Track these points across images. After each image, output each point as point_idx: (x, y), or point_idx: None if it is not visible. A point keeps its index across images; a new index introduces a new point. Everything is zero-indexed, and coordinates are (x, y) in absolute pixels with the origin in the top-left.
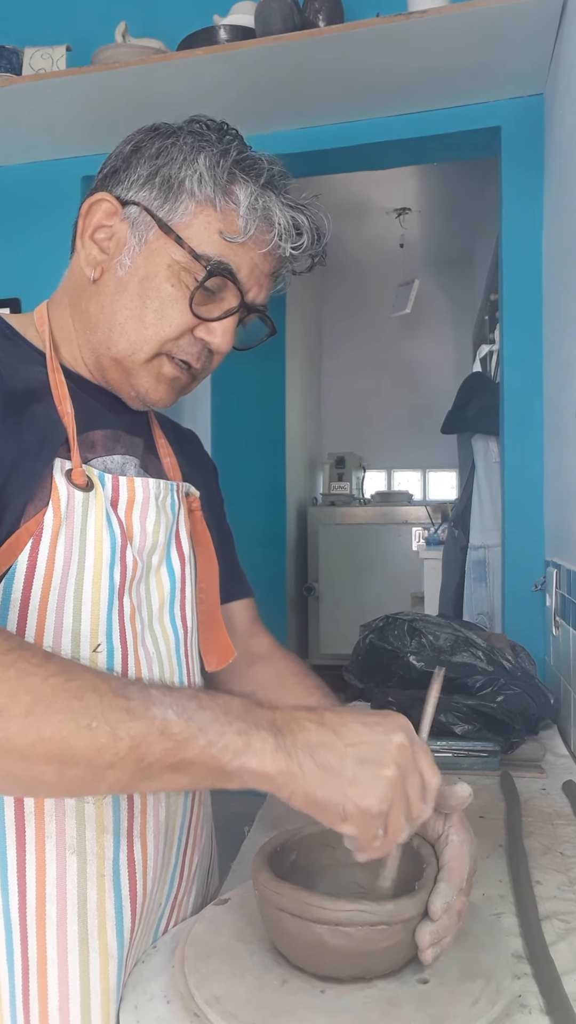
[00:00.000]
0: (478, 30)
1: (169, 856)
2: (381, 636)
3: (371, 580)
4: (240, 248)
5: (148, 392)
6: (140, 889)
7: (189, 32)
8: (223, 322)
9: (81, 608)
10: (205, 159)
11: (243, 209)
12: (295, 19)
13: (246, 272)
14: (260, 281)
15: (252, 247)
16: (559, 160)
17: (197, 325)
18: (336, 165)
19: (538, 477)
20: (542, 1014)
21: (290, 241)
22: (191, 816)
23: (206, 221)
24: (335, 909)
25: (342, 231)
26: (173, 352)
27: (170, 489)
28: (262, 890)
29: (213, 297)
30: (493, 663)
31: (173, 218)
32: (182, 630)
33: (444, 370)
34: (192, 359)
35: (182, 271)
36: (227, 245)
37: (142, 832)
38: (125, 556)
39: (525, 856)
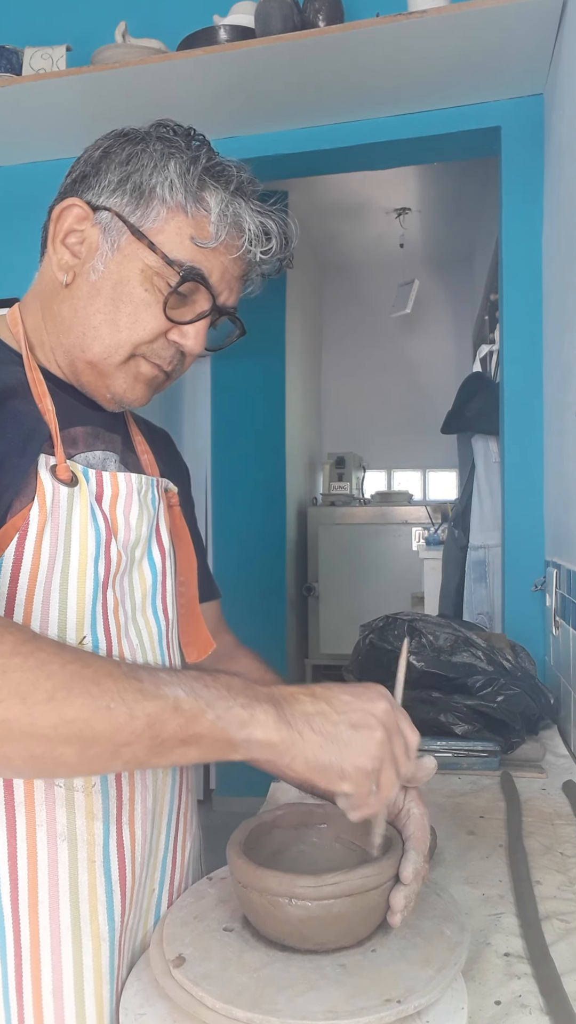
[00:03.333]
0: (478, 30)
1: (158, 842)
2: (381, 636)
3: (371, 580)
4: (211, 253)
5: (124, 393)
6: (129, 874)
7: (189, 32)
8: (195, 325)
9: (67, 601)
10: (176, 166)
11: (214, 215)
12: (295, 19)
13: (217, 276)
14: (231, 284)
15: (223, 252)
16: (559, 160)
17: (170, 328)
18: (336, 165)
19: (538, 477)
20: (542, 1014)
21: (260, 246)
22: (179, 803)
23: (177, 227)
24: (301, 885)
25: (342, 231)
26: (147, 355)
27: (151, 484)
28: (233, 869)
29: (185, 301)
30: (493, 663)
31: (145, 224)
32: (164, 622)
33: (444, 370)
34: (164, 362)
35: (155, 276)
36: (199, 250)
37: (130, 819)
38: (109, 550)
39: (525, 856)
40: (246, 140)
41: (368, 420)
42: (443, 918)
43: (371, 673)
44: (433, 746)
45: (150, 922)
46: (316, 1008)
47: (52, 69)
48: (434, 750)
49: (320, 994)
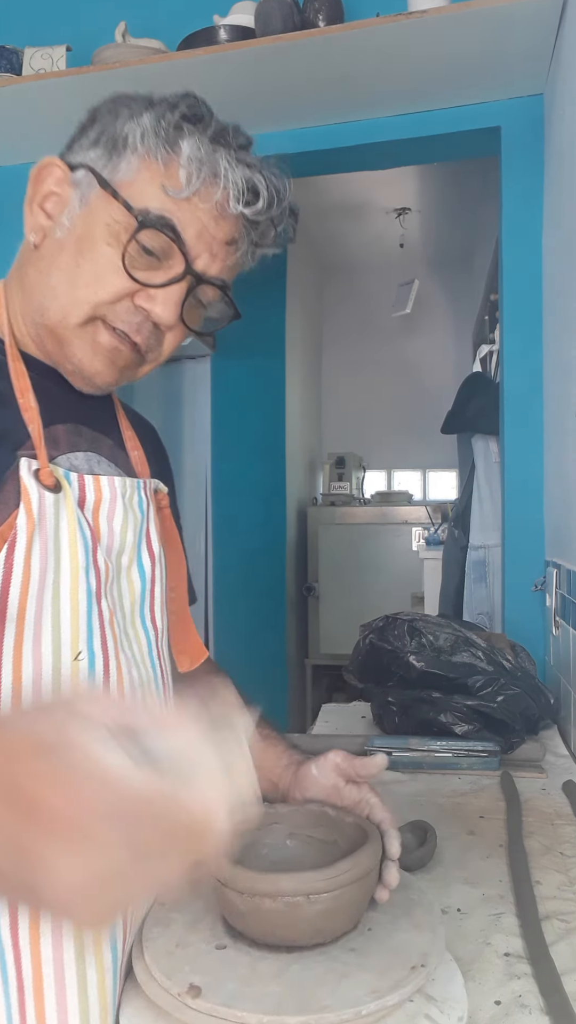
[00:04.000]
0: (478, 30)
1: None
2: (381, 636)
3: (371, 580)
4: (186, 205)
5: (83, 364)
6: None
7: (189, 32)
8: (166, 290)
9: (60, 615)
10: (151, 114)
11: (184, 158)
12: (295, 19)
13: (193, 234)
14: (212, 248)
15: (199, 204)
16: (559, 160)
17: (137, 291)
18: (336, 165)
19: (538, 477)
20: (542, 1014)
21: (243, 201)
22: None
23: (149, 176)
24: (317, 879)
25: (342, 231)
26: (108, 318)
27: (137, 487)
28: (238, 883)
29: (158, 263)
30: (493, 663)
31: (116, 176)
32: (153, 632)
33: (444, 370)
34: (131, 329)
35: (122, 231)
36: (171, 201)
37: None
38: (97, 559)
39: (525, 856)
40: None
41: (368, 420)
42: (404, 887)
43: (371, 673)
44: (433, 746)
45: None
46: (359, 993)
47: (52, 69)
48: (434, 750)
49: (354, 980)
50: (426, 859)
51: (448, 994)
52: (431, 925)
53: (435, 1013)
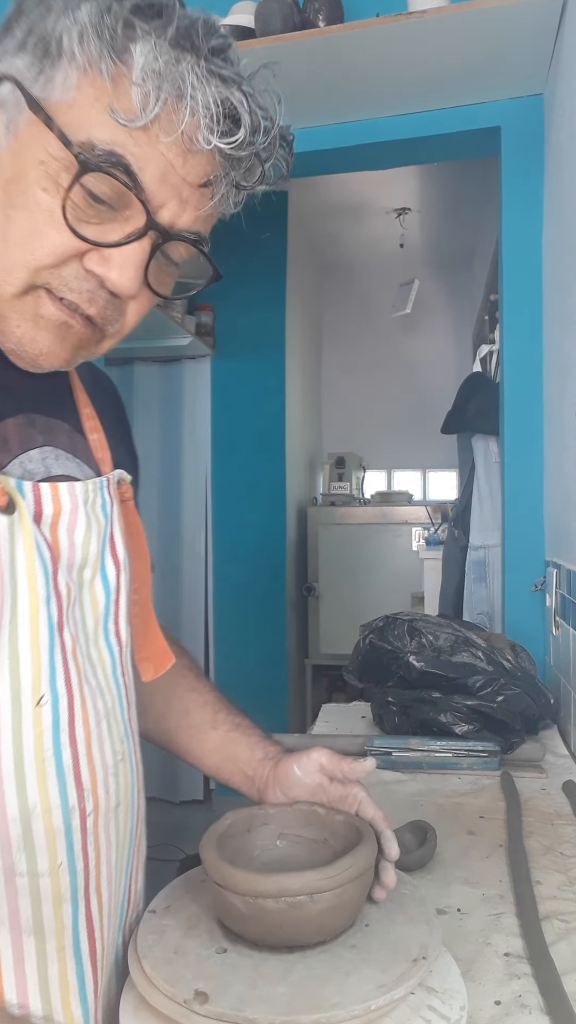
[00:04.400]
0: (478, 30)
1: (119, 889)
2: (381, 636)
3: (371, 580)
4: (143, 137)
5: (24, 341)
6: (99, 944)
7: None
8: (123, 251)
9: (19, 658)
10: (92, 6)
11: (137, 72)
12: (295, 19)
13: (154, 175)
14: (181, 193)
15: (160, 136)
16: (559, 160)
17: (87, 251)
18: (336, 165)
19: (538, 477)
20: (542, 1014)
21: (219, 131)
22: (137, 840)
23: (93, 95)
24: (319, 878)
25: (342, 231)
26: (52, 285)
27: (100, 488)
28: (242, 884)
29: (111, 214)
30: (493, 663)
31: (50, 94)
32: (117, 647)
33: (444, 370)
34: (82, 300)
35: (61, 171)
36: (122, 131)
37: (97, 887)
38: (58, 583)
39: (525, 856)
40: None
41: (368, 420)
42: (396, 881)
43: (371, 673)
44: (433, 746)
45: (113, 976)
46: (366, 988)
47: None
48: (434, 750)
49: (360, 976)
50: (426, 859)
51: (448, 985)
52: (425, 918)
53: (437, 1004)
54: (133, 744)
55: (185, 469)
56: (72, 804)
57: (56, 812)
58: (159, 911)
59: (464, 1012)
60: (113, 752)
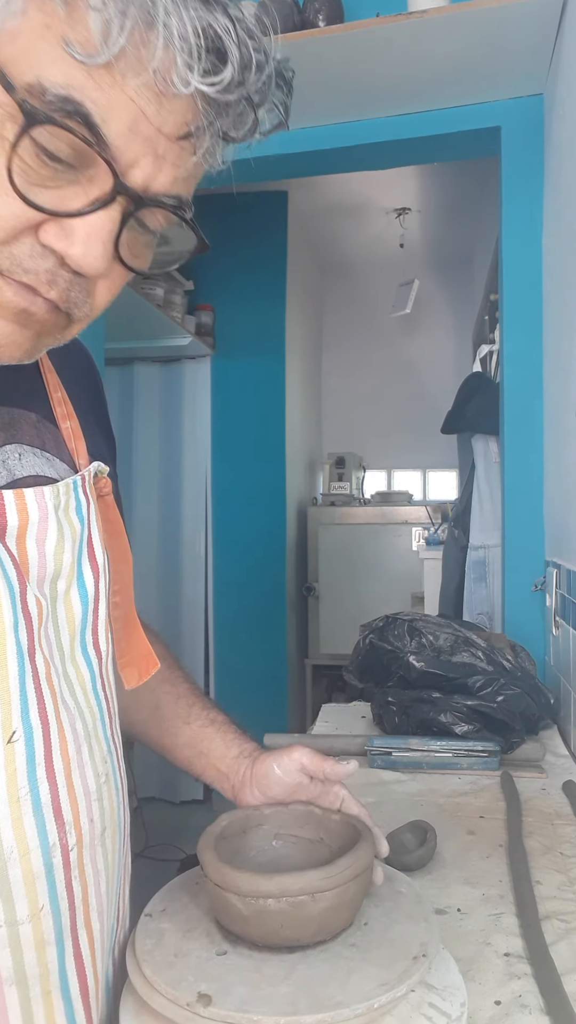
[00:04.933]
0: (478, 30)
1: (111, 915)
2: (381, 636)
3: (371, 580)
4: (105, 77)
5: None
6: (92, 982)
7: None
8: (87, 220)
9: None
10: None
11: None
12: (295, 19)
13: (121, 126)
14: (156, 148)
15: (127, 77)
16: (559, 160)
17: (42, 222)
18: (336, 165)
19: (538, 477)
20: (542, 1014)
21: (200, 68)
22: (125, 859)
23: (43, 22)
24: (320, 878)
25: (342, 231)
26: (5, 268)
27: (74, 488)
28: (242, 885)
29: (73, 175)
30: (493, 663)
31: None
32: (96, 660)
33: (444, 370)
34: (40, 281)
35: (5, 121)
36: (80, 71)
37: (86, 919)
38: (27, 602)
39: (525, 856)
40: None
41: (368, 420)
42: (390, 880)
43: (371, 673)
44: (433, 746)
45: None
46: (368, 987)
47: None
48: (434, 750)
49: (362, 975)
50: (426, 859)
51: (447, 982)
52: (423, 915)
53: (438, 1000)
54: (117, 760)
55: (185, 469)
56: (52, 842)
57: (35, 854)
58: (155, 914)
59: (464, 1009)
60: (96, 775)
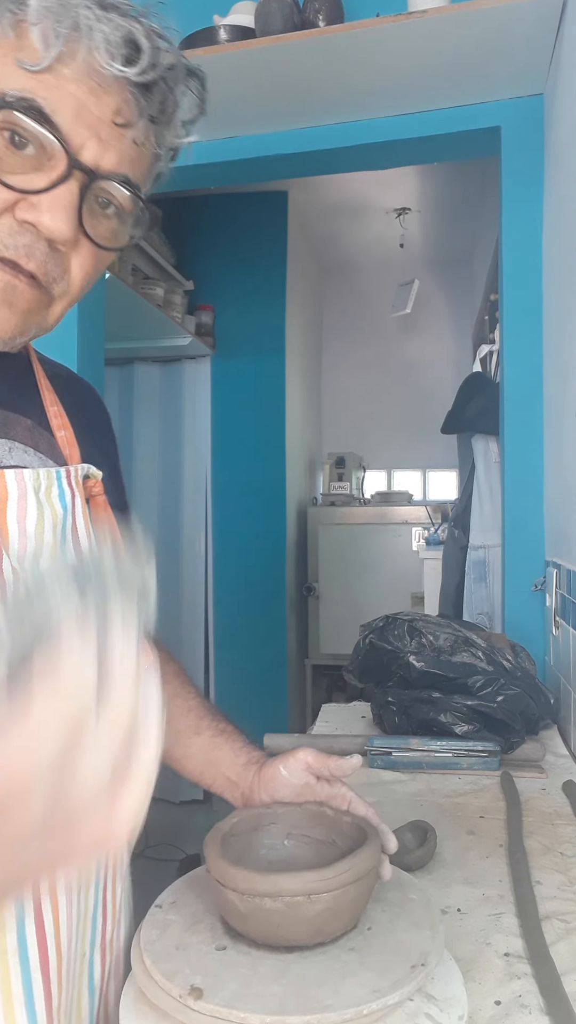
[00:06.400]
0: (478, 30)
1: (86, 899)
2: (381, 636)
3: (371, 580)
4: (51, 80)
5: None
6: (53, 952)
7: (189, 32)
8: (52, 195)
9: None
10: None
11: (33, 14)
12: (295, 19)
13: (69, 115)
14: (99, 132)
15: (67, 75)
16: (559, 160)
17: (16, 202)
18: (336, 165)
19: (538, 477)
20: (542, 1014)
21: (121, 58)
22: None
23: (0, 54)
24: (317, 880)
25: (342, 231)
26: None
27: (57, 478)
28: (239, 883)
29: (36, 162)
30: (493, 663)
31: None
32: None
33: (444, 370)
34: (20, 255)
35: None
36: (31, 78)
37: (51, 888)
38: (1, 570)
39: (525, 856)
40: (246, 140)
41: (368, 420)
42: (401, 886)
43: (371, 673)
44: (433, 746)
45: (84, 987)
46: (361, 992)
47: None
48: (434, 750)
49: (356, 980)
50: (426, 859)
51: (448, 993)
52: (430, 923)
53: (435, 1012)
54: None
55: (185, 469)
56: None
57: None
58: (165, 906)
59: (463, 1022)
60: None
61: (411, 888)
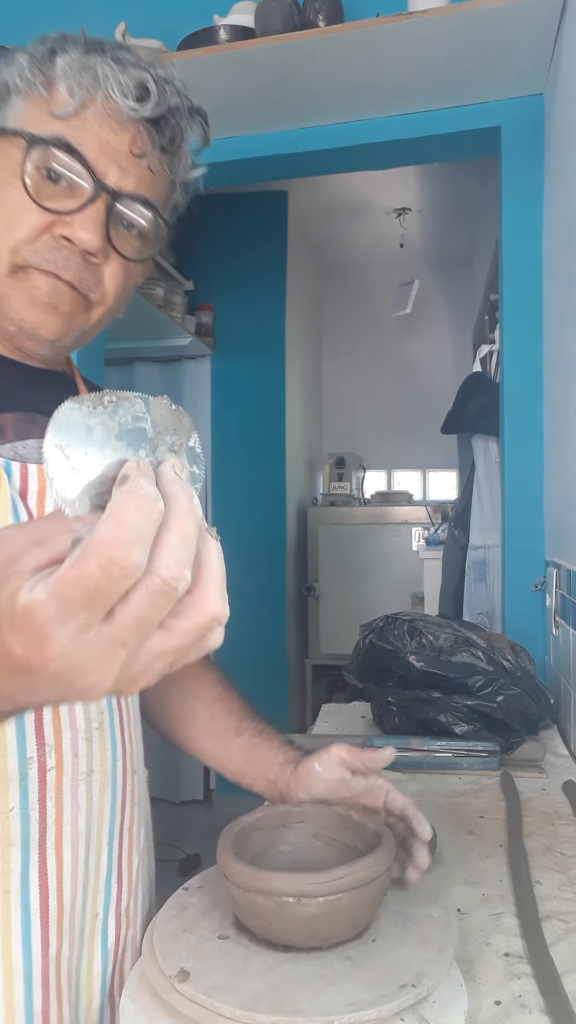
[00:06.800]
0: (478, 30)
1: (98, 864)
2: (381, 636)
3: (371, 580)
4: (77, 123)
5: (22, 316)
6: (55, 902)
7: (189, 32)
8: (83, 214)
9: None
10: (25, 54)
11: (59, 73)
12: (295, 19)
13: (93, 148)
14: (119, 161)
15: (90, 117)
16: (559, 160)
17: (53, 223)
18: (336, 165)
19: (538, 477)
20: (542, 1014)
21: (133, 97)
22: (121, 820)
23: (36, 111)
24: (310, 882)
25: (342, 231)
26: (32, 262)
27: None
28: (234, 875)
29: (69, 191)
30: (493, 663)
31: (4, 123)
32: None
33: (444, 370)
34: (59, 267)
35: (17, 158)
36: (62, 123)
37: (57, 843)
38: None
39: (525, 856)
40: (246, 140)
41: (368, 420)
42: (429, 901)
43: (371, 673)
44: (433, 746)
45: (96, 948)
46: (338, 1002)
47: None
48: (434, 750)
49: (338, 988)
50: None
51: (446, 1019)
52: (439, 945)
53: None
54: (120, 721)
55: None
56: (31, 755)
57: (12, 758)
58: (191, 890)
59: None
60: (87, 719)
61: (437, 905)
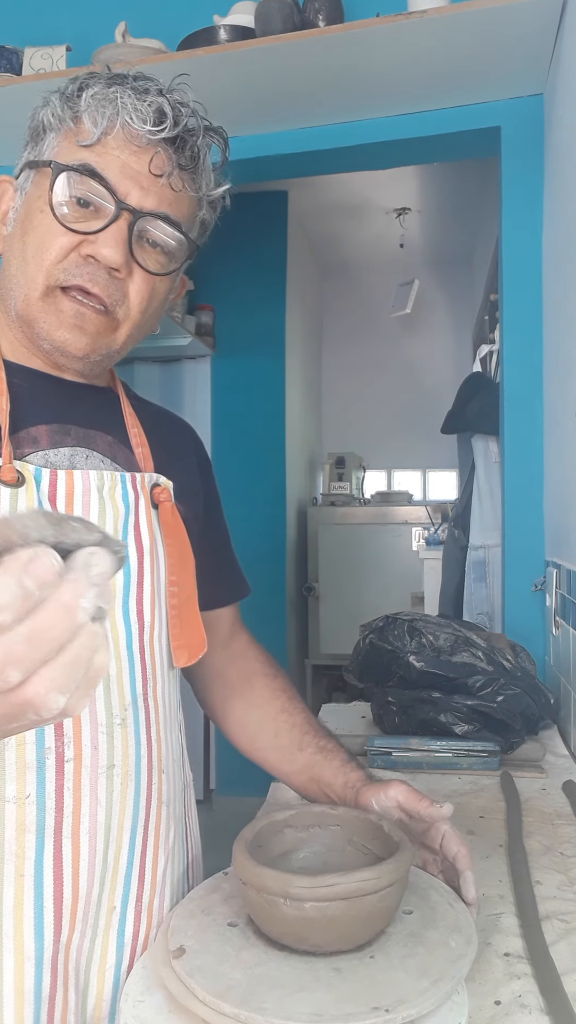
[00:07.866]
0: (478, 30)
1: (118, 858)
2: (381, 636)
3: (371, 580)
4: (100, 149)
5: (52, 335)
6: (69, 891)
7: (189, 32)
8: (107, 232)
9: None
10: (58, 94)
11: (83, 103)
12: (295, 19)
13: (115, 171)
14: (141, 182)
15: (112, 143)
16: (559, 160)
17: (80, 243)
18: (336, 165)
19: (538, 477)
20: (542, 1014)
21: (151, 121)
22: (146, 817)
23: (66, 143)
24: (297, 885)
25: (342, 231)
26: (62, 279)
27: (120, 480)
28: (235, 865)
29: (94, 213)
30: (493, 663)
31: (40, 158)
32: (136, 624)
33: (444, 370)
34: (85, 281)
35: (47, 186)
36: (86, 151)
37: (74, 833)
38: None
39: (525, 856)
40: (246, 140)
41: (368, 420)
42: (451, 929)
43: (371, 673)
44: (433, 746)
45: (111, 940)
46: (303, 1009)
47: (52, 69)
48: (434, 750)
49: (309, 995)
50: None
51: None
52: (439, 975)
53: None
54: (145, 718)
55: None
56: (48, 745)
57: (30, 747)
58: (231, 874)
59: None
60: (109, 713)
61: (459, 935)
